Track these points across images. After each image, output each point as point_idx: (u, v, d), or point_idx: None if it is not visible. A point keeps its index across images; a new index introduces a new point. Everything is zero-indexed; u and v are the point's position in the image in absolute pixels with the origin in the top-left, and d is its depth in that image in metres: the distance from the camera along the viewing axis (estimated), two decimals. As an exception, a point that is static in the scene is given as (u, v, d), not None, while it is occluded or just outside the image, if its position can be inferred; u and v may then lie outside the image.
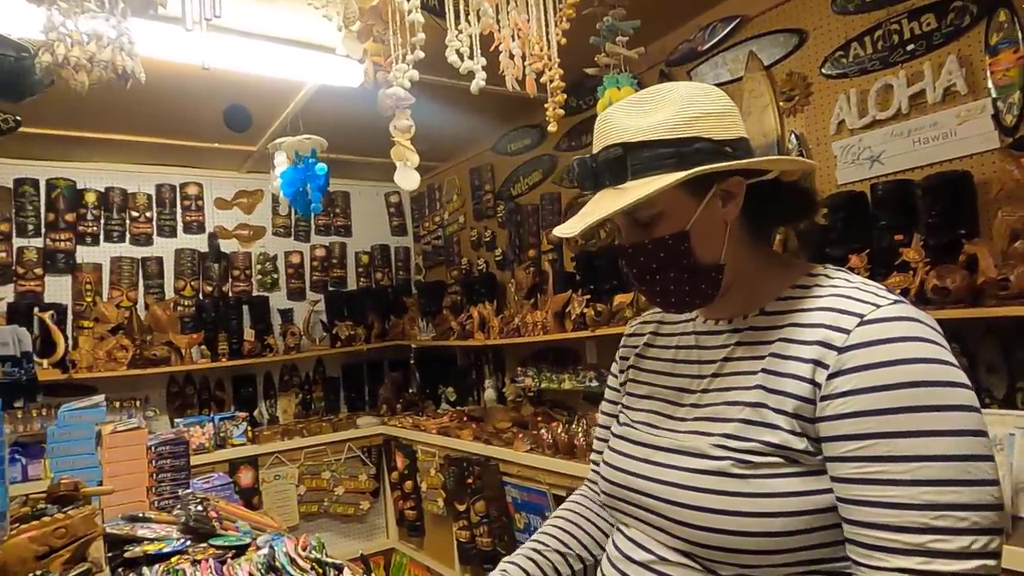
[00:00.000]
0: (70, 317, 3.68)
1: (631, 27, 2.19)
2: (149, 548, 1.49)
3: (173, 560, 1.45)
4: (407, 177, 1.70)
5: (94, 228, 3.82)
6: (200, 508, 1.70)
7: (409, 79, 1.60)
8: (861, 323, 0.69)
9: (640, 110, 0.79)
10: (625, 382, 0.99)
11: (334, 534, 4.00)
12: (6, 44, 1.67)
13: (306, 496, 3.92)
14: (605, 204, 0.77)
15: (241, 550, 1.54)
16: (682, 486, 0.77)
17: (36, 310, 3.44)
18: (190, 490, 2.01)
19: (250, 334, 4.09)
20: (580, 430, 2.66)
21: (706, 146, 0.76)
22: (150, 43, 1.98)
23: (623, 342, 1.05)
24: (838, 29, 2.23)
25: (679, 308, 0.85)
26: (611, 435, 0.95)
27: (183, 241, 4.11)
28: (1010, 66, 1.82)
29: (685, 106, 0.77)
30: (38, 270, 3.63)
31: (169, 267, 4.06)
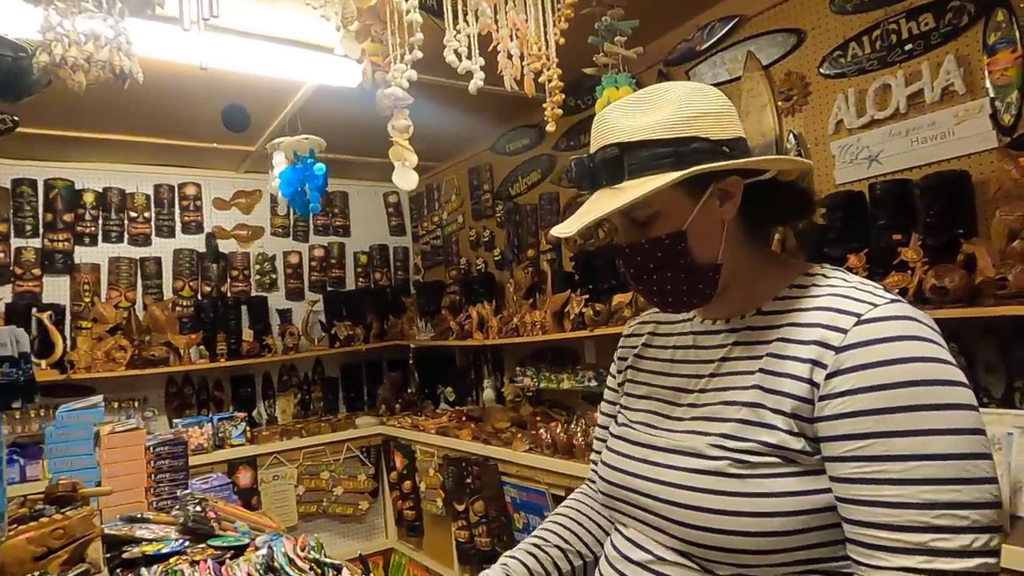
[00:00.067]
0: (68, 317, 3.67)
1: (629, 27, 2.19)
2: (147, 549, 1.49)
3: (171, 561, 1.45)
4: (405, 177, 1.70)
5: (92, 228, 3.81)
6: (199, 509, 1.70)
7: (407, 79, 1.60)
8: (859, 322, 0.69)
9: (637, 110, 0.79)
10: (623, 382, 0.99)
11: (333, 534, 4.00)
12: (3, 44, 1.67)
13: (305, 496, 3.92)
14: (602, 204, 0.77)
15: (240, 550, 1.54)
16: (679, 486, 0.77)
17: (34, 310, 3.44)
18: (188, 491, 2.02)
19: (249, 334, 4.09)
20: (579, 430, 2.65)
21: (703, 146, 0.76)
22: (148, 43, 1.97)
23: (621, 343, 1.05)
24: (836, 29, 2.23)
25: (676, 308, 0.85)
26: (609, 435, 0.95)
27: (181, 241, 4.11)
28: (1008, 66, 1.82)
29: (682, 106, 0.77)
30: (36, 270, 3.62)
31: (167, 267, 4.05)
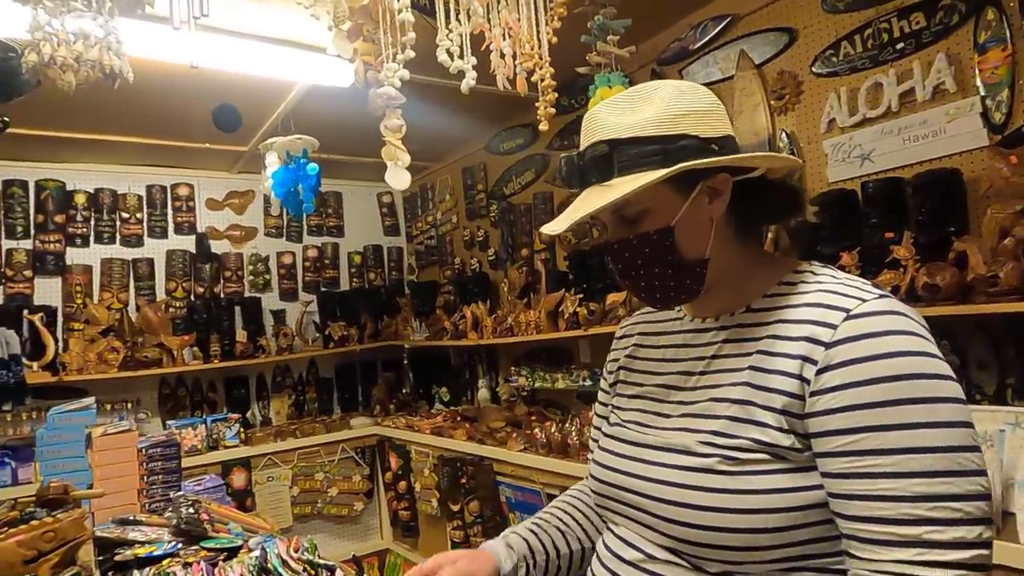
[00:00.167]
0: (60, 319, 3.65)
1: (622, 26, 2.19)
2: (140, 551, 1.48)
3: (164, 563, 1.44)
4: (398, 176, 1.70)
5: (84, 229, 3.79)
6: (191, 510, 1.68)
7: (400, 78, 1.60)
8: (847, 318, 0.70)
9: (626, 108, 0.80)
10: (615, 383, 0.99)
11: (328, 535, 3.99)
12: (-8, 44, 1.66)
13: (299, 497, 3.91)
14: (592, 201, 0.77)
15: (233, 552, 1.53)
16: (669, 483, 0.77)
17: (25, 312, 3.42)
18: (181, 492, 2.00)
19: (242, 335, 4.08)
20: (574, 429, 2.66)
21: (692, 143, 0.76)
22: (138, 42, 1.96)
23: (613, 344, 1.06)
24: (828, 28, 2.24)
25: (664, 304, 0.85)
26: (602, 435, 0.95)
27: (174, 242, 4.09)
28: (998, 64, 1.83)
29: (671, 104, 0.77)
30: (27, 272, 3.60)
31: (160, 268, 4.03)
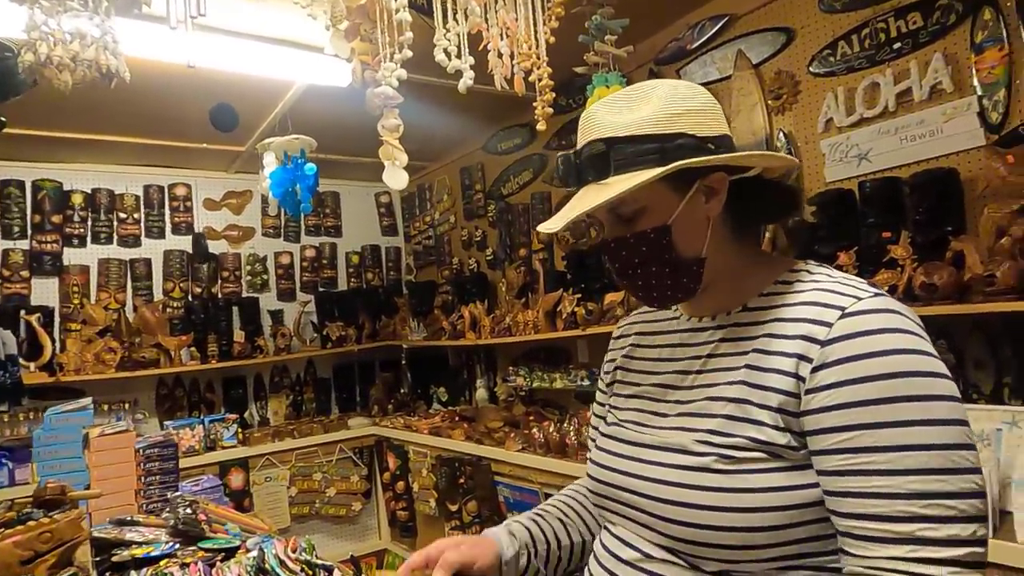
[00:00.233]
0: (57, 319, 3.64)
1: (620, 26, 2.19)
2: (137, 552, 1.47)
3: (162, 564, 1.43)
4: (395, 176, 1.69)
5: (81, 230, 3.78)
6: (189, 511, 1.68)
7: (397, 78, 1.59)
8: (843, 316, 0.70)
9: (623, 107, 0.80)
10: (612, 383, 0.99)
11: (326, 535, 3.98)
12: (-12, 44, 1.65)
13: (297, 498, 3.90)
14: (588, 199, 0.77)
15: (231, 552, 1.53)
16: (665, 482, 0.77)
17: (22, 313, 3.41)
18: (179, 493, 2.00)
19: (240, 335, 4.07)
20: (572, 429, 2.66)
21: (689, 142, 0.76)
22: (135, 42, 1.96)
23: (611, 344, 1.06)
24: (825, 27, 2.24)
25: (661, 302, 0.85)
26: (599, 434, 0.95)
27: (172, 242, 4.08)
28: (995, 64, 1.83)
29: (668, 103, 0.77)
30: (24, 272, 3.59)
31: (158, 268, 4.03)
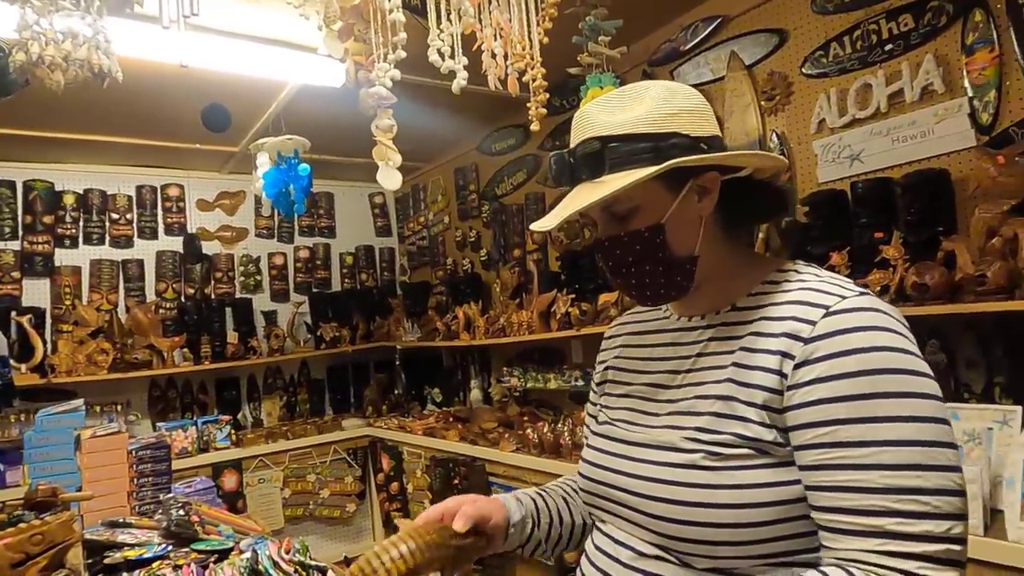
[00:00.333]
0: (49, 321, 3.62)
1: (613, 27, 2.20)
2: (130, 554, 1.47)
3: (154, 565, 1.43)
4: (389, 177, 1.69)
5: (73, 230, 3.76)
6: (182, 512, 1.67)
7: (391, 78, 1.59)
8: (827, 314, 0.70)
9: (617, 106, 0.80)
10: (603, 382, 0.99)
11: (320, 537, 3.97)
12: (-21, 43, 1.64)
13: (291, 499, 3.89)
14: (582, 197, 0.78)
15: (224, 554, 1.52)
16: (654, 480, 0.78)
17: (13, 314, 3.39)
18: (172, 495, 1.99)
19: (233, 336, 4.05)
20: (566, 429, 2.66)
21: (682, 142, 0.77)
22: (127, 42, 1.95)
23: (602, 344, 1.06)
24: (818, 29, 2.26)
25: (654, 300, 0.86)
26: (591, 433, 0.95)
27: (164, 243, 4.06)
28: (986, 65, 1.85)
29: (662, 103, 0.78)
30: (15, 273, 3.57)
31: (150, 269, 4.01)
